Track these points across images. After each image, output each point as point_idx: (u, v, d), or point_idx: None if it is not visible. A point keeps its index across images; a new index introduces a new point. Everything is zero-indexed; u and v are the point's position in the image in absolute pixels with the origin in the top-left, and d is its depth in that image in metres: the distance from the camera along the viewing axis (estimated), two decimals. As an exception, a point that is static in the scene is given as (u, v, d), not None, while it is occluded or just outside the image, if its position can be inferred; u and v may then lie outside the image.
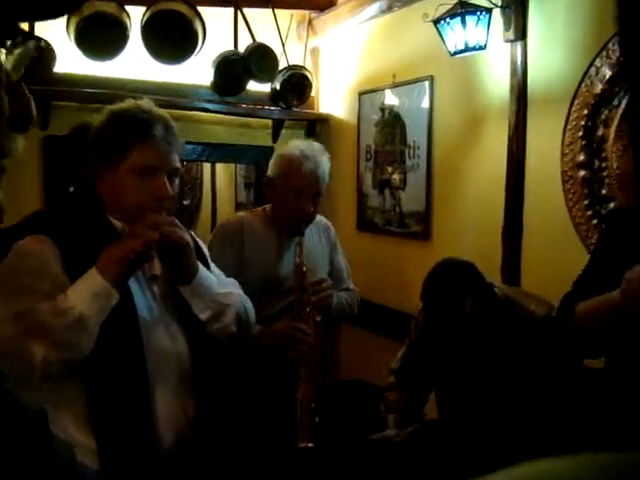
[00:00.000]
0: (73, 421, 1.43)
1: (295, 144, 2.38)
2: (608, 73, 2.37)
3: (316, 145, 2.41)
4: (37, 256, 1.45)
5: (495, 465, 0.37)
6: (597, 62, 2.41)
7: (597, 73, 2.41)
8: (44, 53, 3.12)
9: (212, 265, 1.77)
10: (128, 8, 3.30)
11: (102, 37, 3.20)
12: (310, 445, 2.05)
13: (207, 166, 4.81)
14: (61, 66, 3.28)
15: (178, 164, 1.60)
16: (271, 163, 2.38)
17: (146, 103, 1.59)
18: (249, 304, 1.78)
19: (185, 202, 5.03)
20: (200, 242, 1.77)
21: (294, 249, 2.26)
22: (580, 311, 1.66)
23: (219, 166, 4.83)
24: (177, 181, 1.61)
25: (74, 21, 3.19)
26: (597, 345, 1.68)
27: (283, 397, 2.13)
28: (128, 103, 1.58)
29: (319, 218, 2.53)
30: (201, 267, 1.63)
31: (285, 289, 2.28)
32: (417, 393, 2.42)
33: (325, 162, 2.34)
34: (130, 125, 1.53)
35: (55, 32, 3.22)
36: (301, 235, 2.26)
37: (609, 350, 1.68)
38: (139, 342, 1.49)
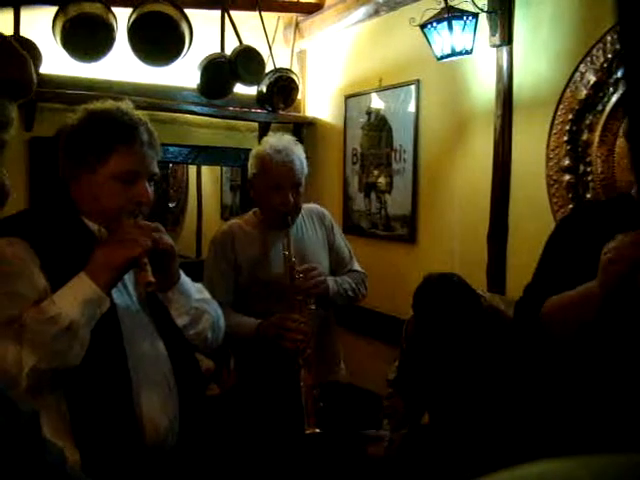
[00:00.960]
0: (53, 428, 1.37)
1: (265, 140, 2.43)
2: (592, 79, 2.40)
3: (286, 137, 2.44)
4: (11, 259, 1.41)
5: (488, 469, 0.38)
6: (582, 68, 2.43)
7: (582, 78, 2.44)
8: (30, 54, 3.09)
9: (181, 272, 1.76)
10: (114, 9, 3.28)
11: (88, 38, 3.17)
12: (317, 431, 2.06)
13: (193, 168, 4.81)
14: (47, 67, 3.26)
15: (157, 169, 1.59)
16: (248, 165, 2.42)
17: (125, 105, 1.55)
18: (220, 311, 1.78)
19: (170, 204, 5.02)
20: None
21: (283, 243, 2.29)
22: (552, 305, 1.62)
23: (205, 169, 4.82)
24: (153, 185, 1.59)
25: (60, 22, 3.16)
26: (570, 342, 1.61)
27: (286, 386, 2.15)
28: (107, 104, 1.54)
29: (312, 206, 2.55)
30: (182, 274, 1.63)
31: (282, 285, 2.30)
32: (414, 401, 2.43)
33: (298, 152, 2.36)
34: (113, 128, 1.50)
35: (41, 33, 3.20)
36: (288, 227, 2.28)
37: (583, 346, 1.64)
38: (121, 346, 1.47)
